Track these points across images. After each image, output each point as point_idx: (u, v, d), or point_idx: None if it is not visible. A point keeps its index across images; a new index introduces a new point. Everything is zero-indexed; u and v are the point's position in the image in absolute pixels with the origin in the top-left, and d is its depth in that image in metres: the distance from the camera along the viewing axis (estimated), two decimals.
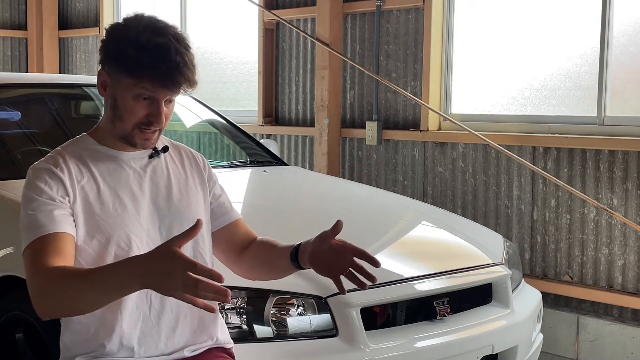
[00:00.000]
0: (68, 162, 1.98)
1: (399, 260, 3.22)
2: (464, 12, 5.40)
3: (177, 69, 1.91)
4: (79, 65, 8.66)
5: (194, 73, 1.96)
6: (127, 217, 1.98)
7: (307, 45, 6.25)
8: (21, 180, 3.25)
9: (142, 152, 2.08)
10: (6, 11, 8.76)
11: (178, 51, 1.92)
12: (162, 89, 1.93)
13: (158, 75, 1.91)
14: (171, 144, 2.20)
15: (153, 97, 1.95)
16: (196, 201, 2.13)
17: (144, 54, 1.90)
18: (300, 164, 6.23)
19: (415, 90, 5.50)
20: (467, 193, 5.23)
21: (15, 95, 4.09)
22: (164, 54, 1.91)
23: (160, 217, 2.04)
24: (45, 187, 1.91)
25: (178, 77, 1.92)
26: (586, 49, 4.75)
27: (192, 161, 2.21)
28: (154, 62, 1.90)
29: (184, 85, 1.94)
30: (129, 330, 1.96)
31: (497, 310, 3.22)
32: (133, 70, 1.92)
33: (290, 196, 3.93)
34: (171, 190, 2.09)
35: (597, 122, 4.68)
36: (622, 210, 4.48)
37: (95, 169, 2.01)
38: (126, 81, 1.94)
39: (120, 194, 2.00)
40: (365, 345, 2.70)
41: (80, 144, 2.06)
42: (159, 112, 1.96)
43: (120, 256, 1.93)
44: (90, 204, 1.95)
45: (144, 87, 1.93)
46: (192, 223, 1.72)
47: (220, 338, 2.13)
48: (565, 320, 4.74)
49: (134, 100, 1.95)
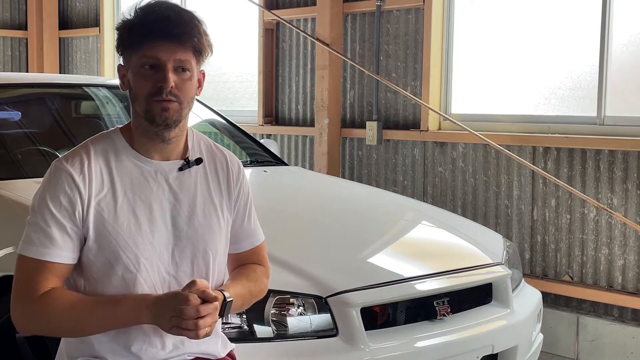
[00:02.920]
0: (92, 168, 1.93)
1: (399, 260, 3.22)
2: (464, 12, 5.40)
3: (167, 20, 1.88)
4: (79, 65, 8.66)
5: (195, 29, 1.91)
6: (139, 239, 1.92)
7: (307, 45, 6.25)
8: (21, 180, 3.24)
9: (172, 162, 2.00)
10: (6, 11, 8.76)
11: (170, 7, 1.91)
12: (161, 47, 1.89)
13: (148, 29, 1.89)
14: (207, 148, 2.10)
15: (156, 61, 1.90)
16: (217, 221, 2.04)
17: (136, 18, 1.91)
18: (300, 164, 6.23)
19: (415, 90, 5.50)
20: (467, 193, 5.23)
21: (15, 95, 4.09)
22: (152, 10, 1.91)
23: (176, 238, 1.97)
24: (64, 200, 1.89)
25: (170, 27, 1.88)
26: (586, 49, 4.75)
27: (224, 171, 2.09)
28: (143, 19, 1.90)
29: (182, 38, 1.89)
30: (136, 349, 1.94)
31: (497, 310, 3.21)
32: (133, 38, 1.91)
33: (291, 196, 3.93)
34: (194, 210, 2.00)
35: (597, 122, 4.67)
36: (622, 210, 4.48)
37: (119, 179, 1.95)
38: (133, 57, 1.92)
39: (138, 212, 1.94)
40: (365, 345, 2.70)
41: (111, 143, 1.99)
42: (165, 75, 1.89)
43: (127, 278, 1.91)
44: (104, 221, 1.91)
45: (144, 54, 1.90)
46: (205, 252, 1.96)
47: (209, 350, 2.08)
48: (565, 320, 4.74)
49: (141, 73, 1.92)
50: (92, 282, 1.94)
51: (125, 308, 1.86)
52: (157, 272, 1.94)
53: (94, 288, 1.93)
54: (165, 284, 1.95)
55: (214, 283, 2.03)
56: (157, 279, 1.94)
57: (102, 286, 1.92)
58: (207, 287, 1.86)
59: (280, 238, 2.85)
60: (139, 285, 1.90)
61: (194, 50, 1.94)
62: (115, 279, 1.91)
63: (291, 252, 2.90)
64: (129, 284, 1.90)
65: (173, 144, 2.00)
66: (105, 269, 1.91)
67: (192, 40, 1.92)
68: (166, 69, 1.90)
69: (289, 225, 3.35)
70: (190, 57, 1.93)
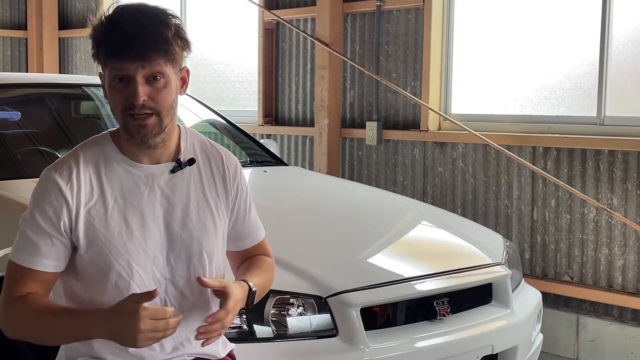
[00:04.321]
0: (81, 177, 1.91)
1: (399, 260, 3.22)
2: (464, 12, 5.40)
3: (131, 38, 1.81)
4: (79, 65, 8.66)
5: (162, 39, 1.84)
6: (131, 246, 1.90)
7: (307, 45, 6.25)
8: (21, 180, 3.24)
9: (163, 165, 1.97)
10: (6, 11, 8.76)
11: (133, 19, 1.84)
12: (123, 63, 1.83)
13: (112, 49, 1.84)
14: (202, 147, 2.07)
15: (124, 74, 1.85)
16: (213, 222, 2.01)
17: (101, 32, 1.87)
18: (300, 164, 6.23)
19: (415, 90, 5.50)
20: (467, 193, 5.23)
21: (15, 95, 4.09)
22: (116, 25, 1.85)
23: (170, 242, 1.95)
24: (49, 210, 1.88)
25: (133, 46, 1.82)
26: (586, 49, 4.75)
27: (219, 170, 2.06)
28: (108, 37, 1.85)
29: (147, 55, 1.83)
30: (134, 350, 1.93)
31: (497, 310, 3.21)
32: (98, 53, 1.88)
33: (290, 196, 3.93)
34: (188, 213, 1.97)
35: (597, 122, 4.67)
36: (622, 210, 4.48)
37: (109, 186, 1.92)
38: (105, 69, 1.89)
39: (129, 218, 1.91)
40: (365, 345, 2.70)
41: (100, 149, 1.96)
42: (134, 90, 1.84)
43: (121, 285, 1.90)
44: (94, 229, 1.89)
45: (113, 67, 1.86)
46: (201, 254, 1.95)
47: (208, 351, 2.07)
48: (565, 320, 4.74)
49: (113, 86, 1.88)
50: (87, 288, 1.94)
51: (80, 321, 1.84)
52: (152, 277, 1.93)
53: (90, 294, 1.93)
54: (162, 289, 1.94)
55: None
56: (152, 285, 1.92)
57: (97, 293, 1.92)
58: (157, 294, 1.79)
59: (280, 238, 2.84)
60: (133, 292, 1.88)
61: (165, 59, 1.87)
62: (109, 286, 1.90)
63: (291, 252, 2.90)
64: (122, 291, 1.89)
65: (160, 148, 1.96)
66: (98, 276, 1.91)
67: (158, 53, 1.84)
68: (136, 83, 1.84)
69: (289, 225, 3.35)
70: (161, 64, 1.86)
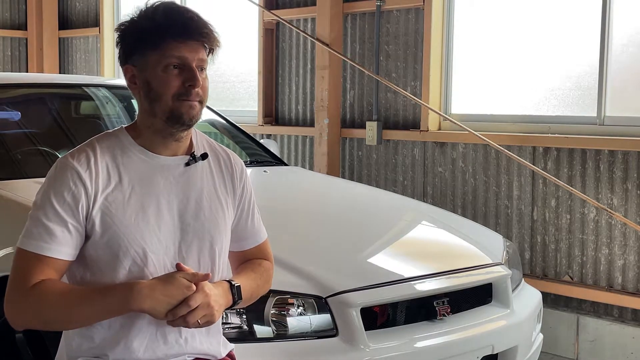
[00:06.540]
0: (98, 164, 1.93)
1: (399, 260, 3.22)
2: (464, 12, 5.40)
3: (192, 20, 1.92)
4: (79, 65, 8.66)
5: (212, 31, 1.96)
6: (146, 233, 1.92)
7: (307, 45, 6.25)
8: (21, 180, 3.24)
9: (179, 158, 2.02)
10: (6, 11, 8.76)
11: (187, 8, 1.97)
12: (186, 47, 1.92)
13: (178, 31, 1.91)
14: (210, 146, 2.13)
15: (182, 61, 1.92)
16: (223, 217, 2.06)
17: (159, 18, 1.92)
18: (300, 164, 6.23)
19: (415, 90, 5.50)
20: (467, 193, 5.23)
21: (15, 95, 4.09)
22: (176, 11, 1.93)
23: (183, 233, 1.98)
24: (67, 195, 1.88)
25: (199, 27, 1.92)
26: (586, 49, 4.75)
27: (228, 169, 2.13)
28: (170, 21, 1.92)
29: (206, 38, 1.94)
30: (137, 345, 1.94)
31: (497, 310, 3.21)
32: (155, 38, 1.92)
33: (291, 196, 3.93)
34: (201, 205, 2.01)
35: (597, 122, 4.67)
36: (622, 210, 4.48)
37: (125, 174, 1.95)
38: (153, 57, 1.92)
39: (145, 205, 1.94)
40: (365, 345, 2.70)
41: (116, 140, 1.99)
42: (193, 74, 1.92)
43: (135, 272, 1.91)
44: (111, 214, 1.91)
45: (170, 55, 1.91)
46: (212, 247, 1.99)
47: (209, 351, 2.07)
48: (565, 320, 4.74)
49: (166, 73, 1.92)
50: (98, 276, 1.93)
51: (115, 294, 1.85)
52: (163, 266, 1.94)
53: (99, 282, 1.93)
54: None
55: (218, 279, 2.03)
56: (163, 273, 1.92)
57: (108, 280, 1.92)
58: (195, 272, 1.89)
59: (280, 238, 2.84)
60: (146, 279, 1.89)
61: (210, 51, 1.99)
62: (122, 273, 1.91)
63: (291, 252, 2.90)
64: (136, 278, 1.90)
65: (182, 141, 2.02)
66: (112, 263, 1.91)
67: (213, 41, 1.96)
68: (193, 68, 1.93)
69: (289, 225, 3.35)
70: (206, 57, 1.98)
